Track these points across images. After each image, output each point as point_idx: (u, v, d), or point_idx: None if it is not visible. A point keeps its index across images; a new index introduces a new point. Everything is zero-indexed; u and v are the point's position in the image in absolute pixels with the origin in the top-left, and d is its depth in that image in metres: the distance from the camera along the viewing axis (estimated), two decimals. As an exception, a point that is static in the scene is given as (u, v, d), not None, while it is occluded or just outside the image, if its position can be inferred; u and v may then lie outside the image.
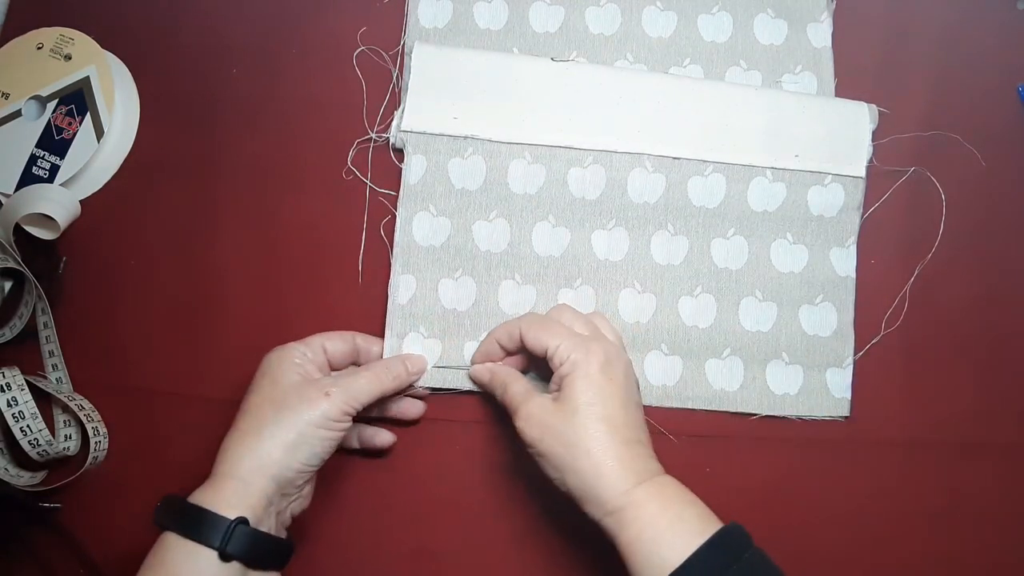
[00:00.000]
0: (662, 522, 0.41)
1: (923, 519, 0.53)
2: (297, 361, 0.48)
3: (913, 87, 0.57)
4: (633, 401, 0.46)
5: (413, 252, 0.56)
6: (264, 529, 0.44)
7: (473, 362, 0.53)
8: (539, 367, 0.52)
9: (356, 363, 0.53)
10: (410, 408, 0.53)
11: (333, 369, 0.51)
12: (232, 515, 0.42)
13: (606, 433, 0.44)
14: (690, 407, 0.54)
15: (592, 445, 0.43)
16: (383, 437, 0.53)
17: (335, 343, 0.51)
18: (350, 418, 0.46)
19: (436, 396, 0.55)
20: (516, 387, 0.49)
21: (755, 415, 0.54)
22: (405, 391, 0.53)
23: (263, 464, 0.44)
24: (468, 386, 0.54)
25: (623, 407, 0.45)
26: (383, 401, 0.51)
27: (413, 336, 0.55)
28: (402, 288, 0.55)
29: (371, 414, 0.53)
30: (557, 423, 0.45)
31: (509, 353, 0.52)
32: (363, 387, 0.47)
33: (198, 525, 0.41)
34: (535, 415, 0.46)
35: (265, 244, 0.58)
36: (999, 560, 0.53)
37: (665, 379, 0.54)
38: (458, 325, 0.55)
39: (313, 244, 0.57)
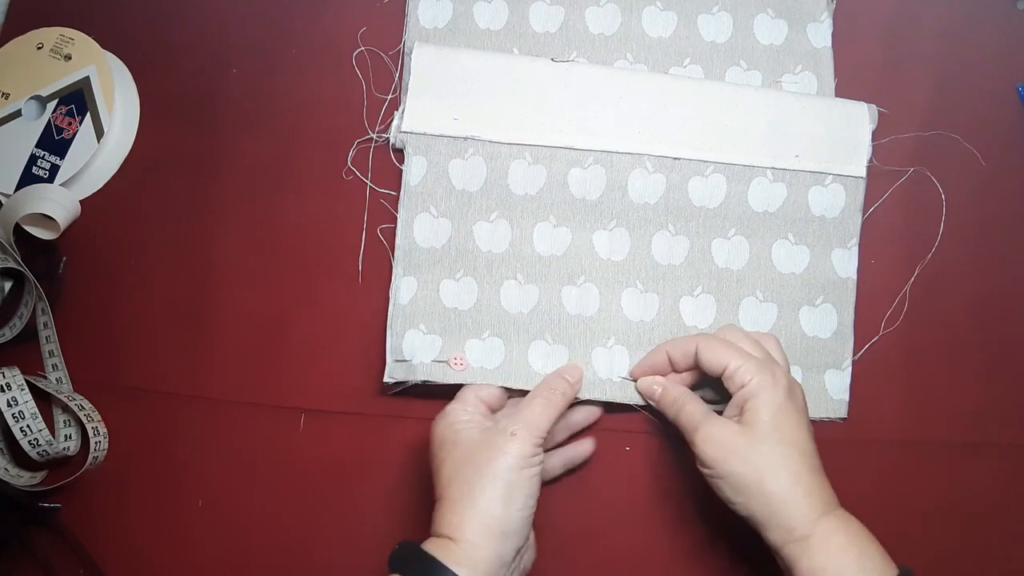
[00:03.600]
0: (849, 556, 0.42)
1: (923, 519, 0.53)
2: (464, 418, 0.48)
3: (913, 87, 0.57)
4: (811, 429, 0.46)
5: (414, 254, 0.56)
6: None
7: (634, 375, 0.53)
8: (708, 386, 0.52)
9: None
10: (582, 449, 0.53)
11: (493, 412, 0.51)
12: (462, 573, 0.42)
13: (797, 459, 0.44)
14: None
15: (783, 470, 0.43)
16: (583, 448, 0.53)
17: (486, 390, 0.51)
18: (542, 450, 0.46)
19: (436, 396, 0.55)
20: (693, 407, 0.48)
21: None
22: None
23: (487, 524, 0.43)
24: (464, 380, 0.53)
25: (808, 434, 0.45)
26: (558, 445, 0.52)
27: (412, 333, 0.55)
28: (403, 289, 0.55)
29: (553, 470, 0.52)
30: (743, 446, 0.44)
31: (676, 370, 0.51)
32: (540, 415, 0.47)
33: (428, 574, 0.42)
34: (717, 437, 0.45)
35: (265, 244, 0.58)
36: (999, 560, 0.53)
37: (670, 377, 0.54)
38: (459, 324, 0.55)
39: (313, 244, 0.57)
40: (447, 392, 0.54)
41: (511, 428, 0.46)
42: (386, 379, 0.54)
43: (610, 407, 0.54)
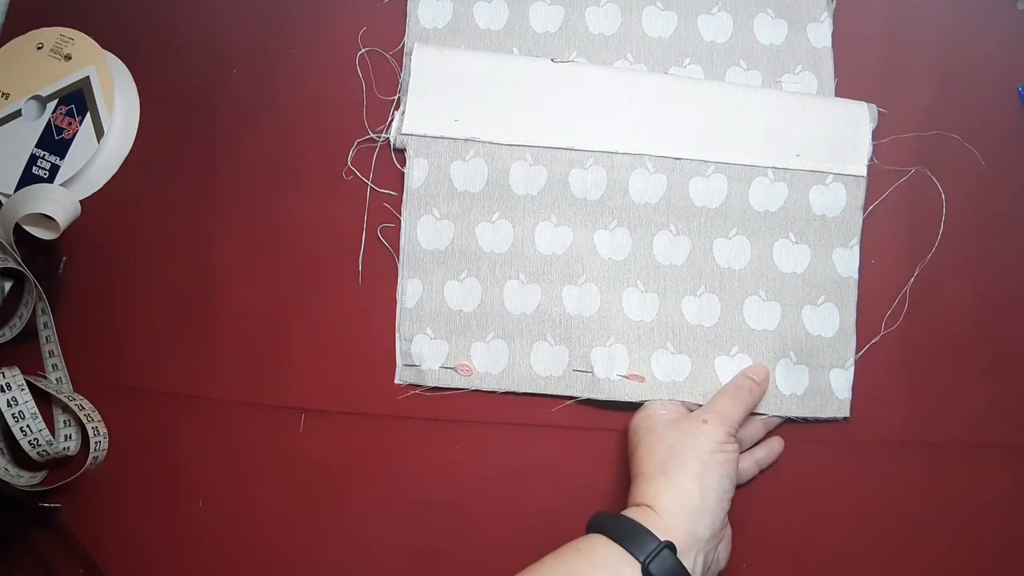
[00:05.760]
0: None
1: (923, 519, 0.53)
2: (662, 412, 0.51)
3: (913, 87, 0.57)
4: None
5: (418, 256, 0.56)
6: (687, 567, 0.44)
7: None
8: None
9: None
10: (773, 448, 0.54)
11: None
12: (659, 535, 0.43)
13: None
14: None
15: None
16: (774, 446, 0.54)
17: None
18: (734, 440, 0.48)
19: (436, 397, 0.55)
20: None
21: (763, 415, 0.54)
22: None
23: (682, 499, 0.45)
24: (470, 386, 0.55)
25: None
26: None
27: (420, 338, 0.55)
28: (409, 292, 0.56)
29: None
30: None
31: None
32: (730, 408, 0.50)
33: (630, 536, 0.43)
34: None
35: (265, 244, 0.58)
36: (1000, 560, 0.53)
37: (674, 375, 0.54)
38: (464, 326, 0.55)
39: (313, 244, 0.57)
40: (448, 393, 0.55)
41: (702, 417, 0.48)
42: (397, 382, 0.55)
43: (608, 406, 0.54)
